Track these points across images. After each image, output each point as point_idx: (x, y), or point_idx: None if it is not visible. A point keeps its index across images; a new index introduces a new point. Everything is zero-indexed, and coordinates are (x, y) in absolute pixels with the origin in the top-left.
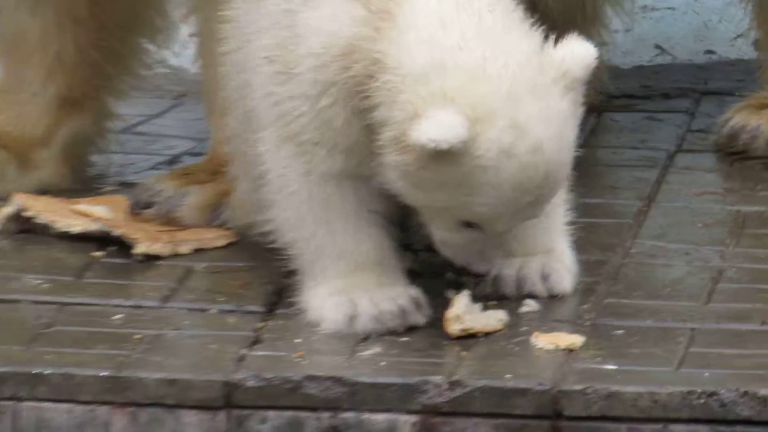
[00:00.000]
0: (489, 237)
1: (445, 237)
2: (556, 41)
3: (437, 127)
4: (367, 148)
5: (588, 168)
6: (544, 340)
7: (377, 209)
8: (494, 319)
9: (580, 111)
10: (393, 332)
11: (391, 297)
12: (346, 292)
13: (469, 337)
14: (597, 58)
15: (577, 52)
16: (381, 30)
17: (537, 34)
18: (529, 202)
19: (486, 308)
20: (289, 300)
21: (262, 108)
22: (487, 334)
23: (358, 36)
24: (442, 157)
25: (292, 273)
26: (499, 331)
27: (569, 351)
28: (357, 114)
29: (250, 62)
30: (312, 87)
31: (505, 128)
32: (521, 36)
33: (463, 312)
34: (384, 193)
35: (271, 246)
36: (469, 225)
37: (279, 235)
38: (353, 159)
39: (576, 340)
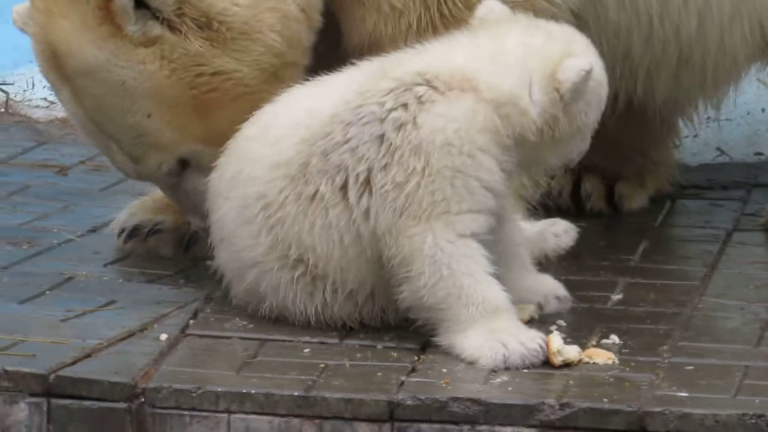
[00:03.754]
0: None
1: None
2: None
3: (575, 67)
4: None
5: (665, 242)
6: (589, 356)
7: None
8: (575, 350)
9: None
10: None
11: (531, 338)
12: (495, 335)
13: (566, 366)
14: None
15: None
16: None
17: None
18: (599, 115)
19: (569, 344)
20: (436, 341)
21: (425, 194)
22: (576, 363)
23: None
24: (580, 86)
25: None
26: (584, 361)
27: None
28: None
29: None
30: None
31: (598, 71)
32: None
33: (561, 347)
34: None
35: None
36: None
37: (430, 296)
38: (491, 220)
39: (610, 355)
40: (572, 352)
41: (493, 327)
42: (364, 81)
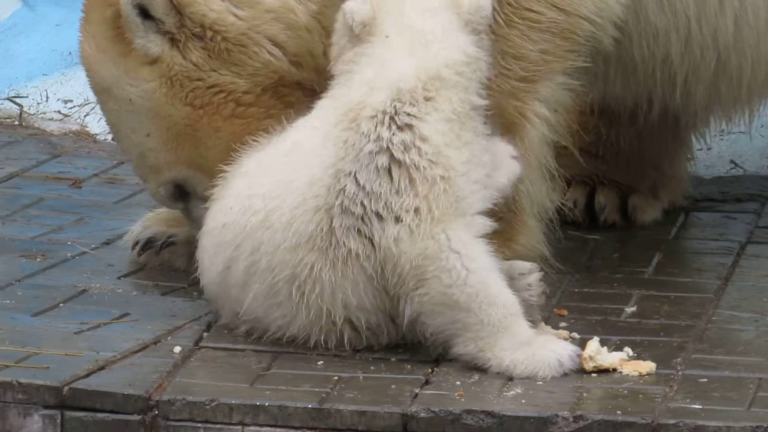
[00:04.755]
0: None
1: None
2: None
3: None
4: None
5: (679, 255)
6: (628, 368)
7: None
8: (617, 358)
9: None
10: (531, 377)
11: (564, 341)
12: (537, 343)
13: (596, 372)
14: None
15: None
16: None
17: None
18: None
19: (609, 351)
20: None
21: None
22: (611, 370)
23: None
24: None
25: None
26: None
27: (645, 376)
28: None
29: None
30: None
31: None
32: None
33: (595, 353)
34: None
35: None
36: None
37: (461, 293)
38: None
39: (651, 366)
40: (613, 359)
41: (524, 336)
42: (342, 134)
